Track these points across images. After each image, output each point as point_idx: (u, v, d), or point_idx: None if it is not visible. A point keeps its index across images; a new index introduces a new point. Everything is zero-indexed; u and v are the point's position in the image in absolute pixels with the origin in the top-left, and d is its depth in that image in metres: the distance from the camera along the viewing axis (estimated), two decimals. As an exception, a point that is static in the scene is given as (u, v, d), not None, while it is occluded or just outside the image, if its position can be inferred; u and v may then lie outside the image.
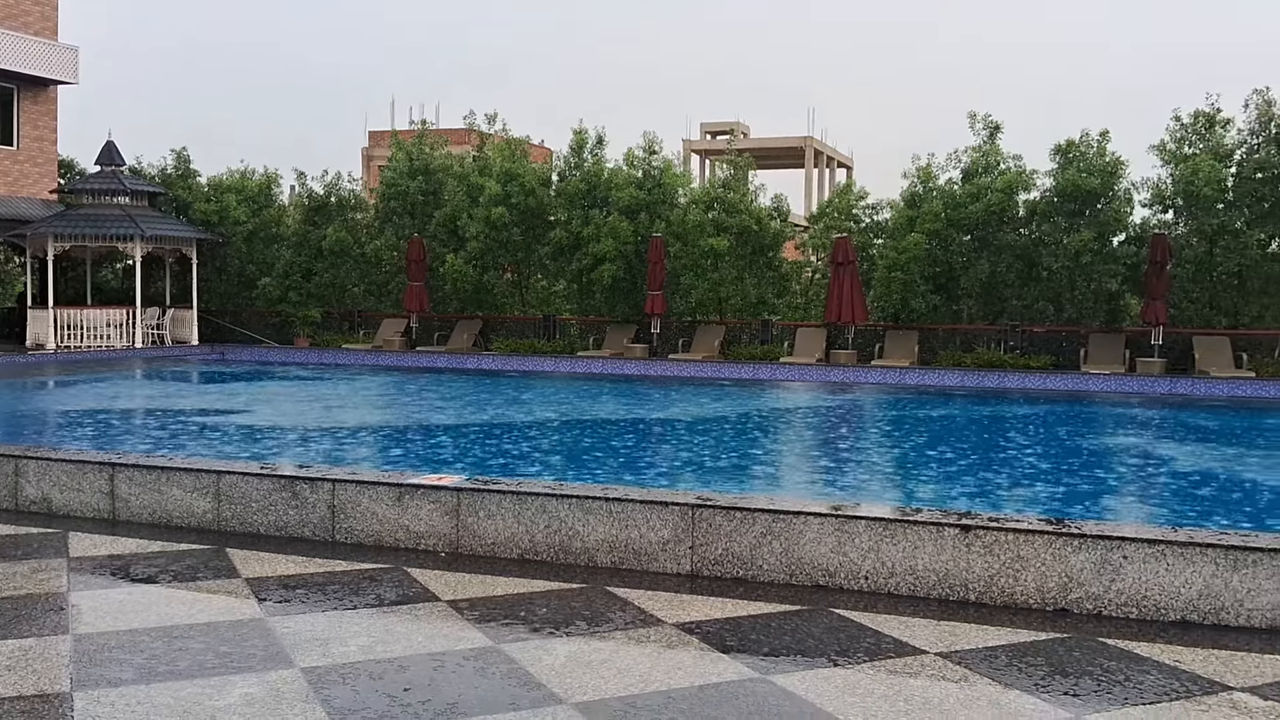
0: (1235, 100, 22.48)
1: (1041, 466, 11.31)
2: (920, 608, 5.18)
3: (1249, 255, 21.75)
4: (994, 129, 24.02)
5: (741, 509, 5.65)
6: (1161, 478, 10.79)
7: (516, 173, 26.10)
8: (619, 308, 26.07)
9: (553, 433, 13.81)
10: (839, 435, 14.62)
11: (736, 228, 24.90)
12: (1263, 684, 4.19)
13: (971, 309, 24.25)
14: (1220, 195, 21.63)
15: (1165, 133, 22.56)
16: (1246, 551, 4.94)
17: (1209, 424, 15.60)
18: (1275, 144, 21.53)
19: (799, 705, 3.87)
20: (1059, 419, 15.94)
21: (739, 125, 60.17)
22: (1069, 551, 5.13)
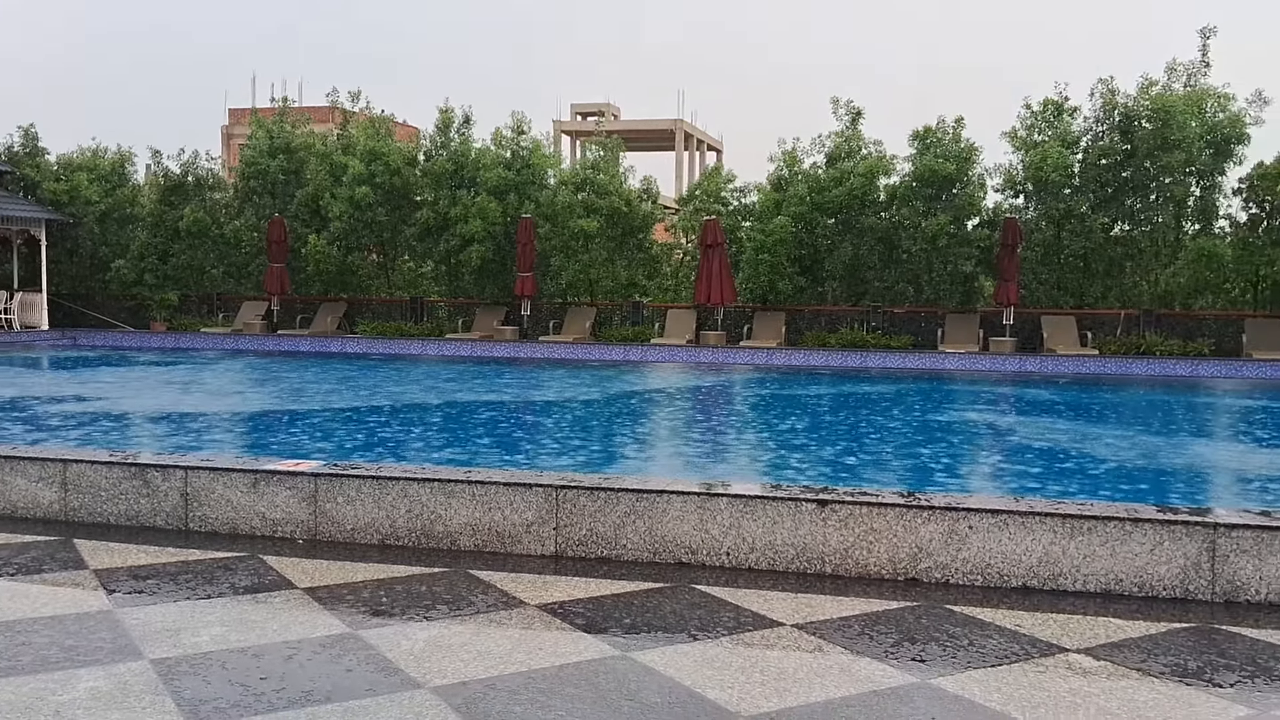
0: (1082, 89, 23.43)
1: (899, 442, 11.67)
2: (779, 581, 5.30)
3: (1093, 238, 22.78)
4: (856, 115, 24.59)
5: (606, 489, 5.68)
6: (1009, 451, 11.25)
7: (381, 152, 25.63)
8: (488, 289, 25.88)
9: (419, 416, 13.64)
10: (708, 415, 14.81)
11: (607, 209, 24.95)
12: (1096, 645, 4.42)
13: (836, 290, 24.82)
14: (1067, 181, 22.60)
15: (1016, 120, 23.48)
16: (1082, 520, 5.19)
17: (1054, 399, 16.30)
18: (1118, 131, 22.58)
19: (658, 680, 3.92)
20: (917, 396, 16.45)
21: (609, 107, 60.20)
22: (919, 523, 5.31)
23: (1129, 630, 4.63)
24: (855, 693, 3.83)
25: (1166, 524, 5.14)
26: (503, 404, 15.15)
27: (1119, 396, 17.20)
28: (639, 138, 55.87)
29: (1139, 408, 16.00)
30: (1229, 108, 22.20)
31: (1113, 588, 5.16)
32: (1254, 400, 17.00)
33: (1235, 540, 5.08)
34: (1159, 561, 5.13)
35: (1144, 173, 22.50)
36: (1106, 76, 22.87)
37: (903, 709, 3.69)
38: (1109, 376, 19.78)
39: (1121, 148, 22.40)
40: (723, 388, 18.23)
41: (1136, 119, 22.35)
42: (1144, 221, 23.26)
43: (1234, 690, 3.95)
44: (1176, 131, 21.62)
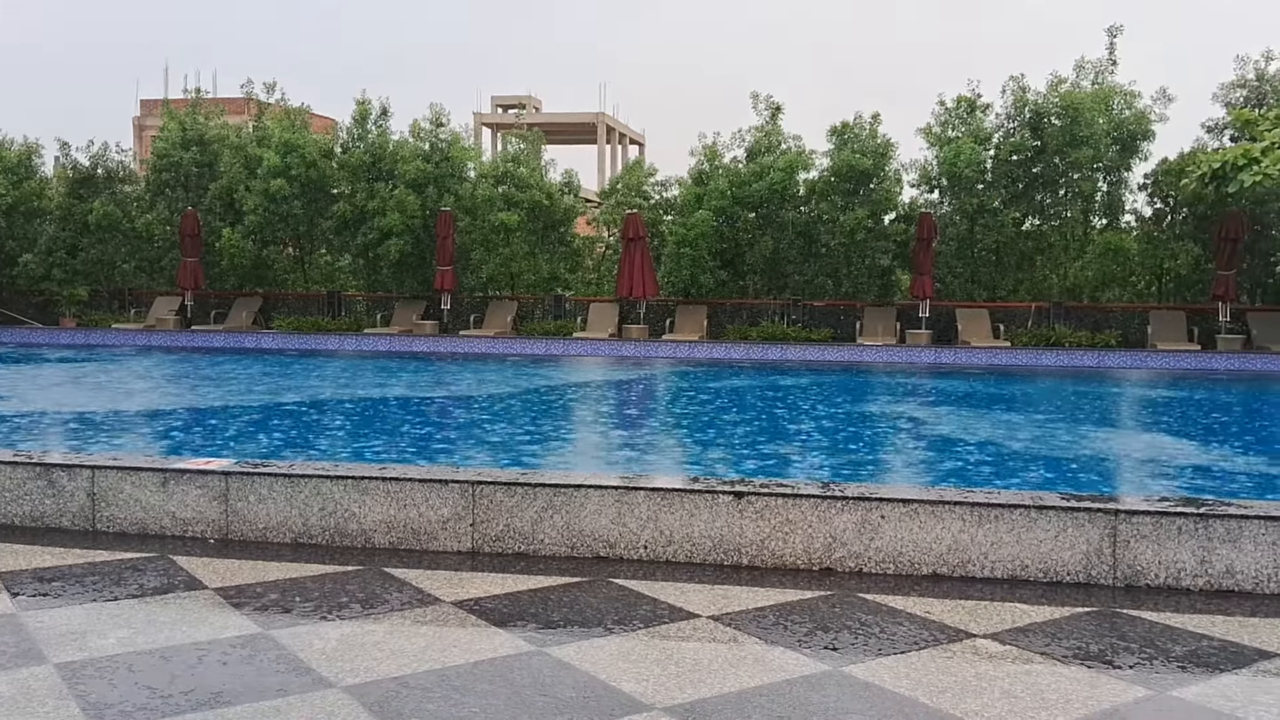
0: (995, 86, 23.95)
1: (818, 433, 11.82)
2: (697, 573, 5.34)
3: (1005, 233, 23.28)
4: (775, 110, 24.79)
5: (523, 484, 5.67)
6: (924, 441, 11.46)
7: (297, 144, 25.20)
8: (407, 283, 25.63)
9: (335, 413, 13.47)
10: (629, 409, 14.85)
11: (528, 203, 24.85)
12: (1001, 630, 4.53)
13: (757, 284, 25.03)
14: (980, 176, 23.05)
15: (931, 117, 23.85)
16: (989, 508, 5.32)
17: (968, 390, 16.64)
18: (1029, 128, 23.07)
19: (572, 675, 3.93)
20: (837, 388, 16.67)
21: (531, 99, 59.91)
22: (833, 513, 5.39)
23: (1034, 615, 4.75)
24: (768, 682, 3.88)
25: (1070, 511, 5.29)
26: (422, 400, 15.03)
27: (1030, 387, 17.61)
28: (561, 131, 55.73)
29: (1048, 398, 16.40)
30: (1135, 105, 22.84)
31: (1019, 574, 5.29)
32: (1157, 390, 17.53)
33: (1135, 526, 5.24)
34: (1063, 547, 5.27)
35: (1054, 168, 23.04)
36: (1018, 74, 23.39)
37: (813, 697, 3.75)
38: (1021, 368, 20.25)
39: (1032, 144, 22.90)
40: (645, 381, 18.28)
41: (1046, 116, 22.86)
42: (1054, 216, 23.83)
43: (1133, 672, 4.08)
44: (1084, 128, 22.17)
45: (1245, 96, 23.21)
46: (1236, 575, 5.17)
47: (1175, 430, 13.02)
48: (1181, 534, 5.20)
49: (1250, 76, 23.22)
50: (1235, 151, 20.74)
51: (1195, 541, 5.19)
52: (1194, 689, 3.91)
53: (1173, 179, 22.86)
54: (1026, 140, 22.92)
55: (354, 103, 26.27)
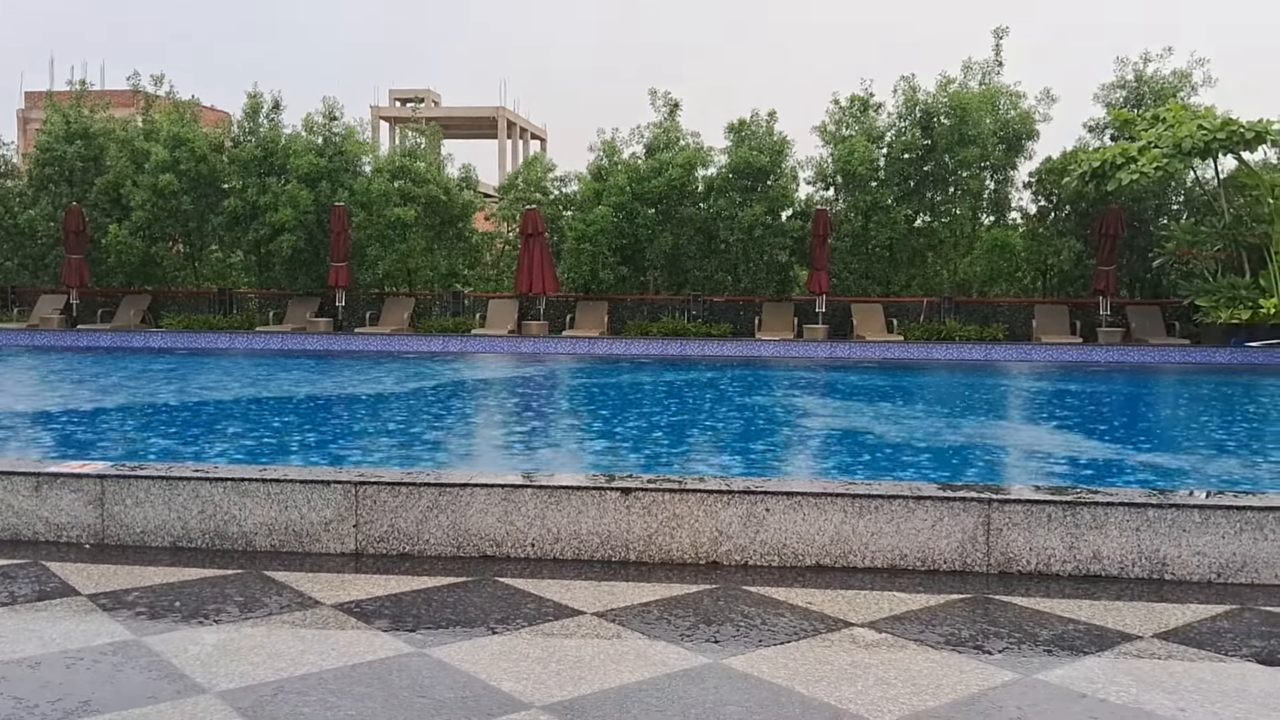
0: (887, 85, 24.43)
1: (714, 428, 11.93)
2: (584, 570, 5.35)
3: (898, 229, 23.77)
4: (674, 106, 24.94)
5: (407, 484, 5.62)
6: (816, 433, 11.65)
7: (186, 138, 24.54)
8: (301, 280, 25.18)
9: (223, 413, 13.17)
10: (526, 406, 14.80)
11: (425, 198, 24.60)
12: (879, 619, 4.63)
13: (657, 280, 25.16)
14: (873, 174, 23.50)
15: (826, 115, 24.24)
16: (870, 499, 5.43)
17: (862, 383, 16.96)
18: (919, 127, 23.58)
19: (452, 675, 3.91)
20: (735, 383, 16.85)
21: (429, 93, 59.25)
22: (719, 507, 5.45)
23: (911, 603, 4.87)
24: (649, 677, 3.91)
25: (946, 501, 5.43)
26: (313, 398, 14.77)
27: (921, 380, 18.02)
28: (460, 125, 55.25)
29: (939, 390, 16.81)
30: (1020, 105, 23.51)
31: (898, 563, 5.42)
32: (1041, 382, 18.08)
33: (1008, 515, 5.40)
34: (940, 536, 5.41)
35: (943, 167, 23.59)
36: (909, 74, 23.92)
37: (692, 690, 3.79)
38: (913, 361, 20.71)
39: (922, 143, 23.42)
40: (543, 378, 18.24)
41: (936, 115, 23.40)
42: (944, 213, 24.40)
43: (1002, 656, 4.21)
44: (972, 127, 22.74)
45: (1124, 97, 24.07)
46: (1103, 560, 5.37)
47: (1055, 420, 13.45)
48: (1051, 522, 5.38)
49: (1129, 78, 24.09)
50: (1114, 150, 21.50)
51: (1064, 529, 5.38)
52: (1059, 671, 4.05)
53: (1056, 177, 23.62)
54: (917, 139, 23.43)
55: (245, 96, 25.71)
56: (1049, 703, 3.75)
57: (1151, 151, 20.85)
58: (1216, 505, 5.39)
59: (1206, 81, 23.62)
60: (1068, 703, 3.75)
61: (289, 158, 24.54)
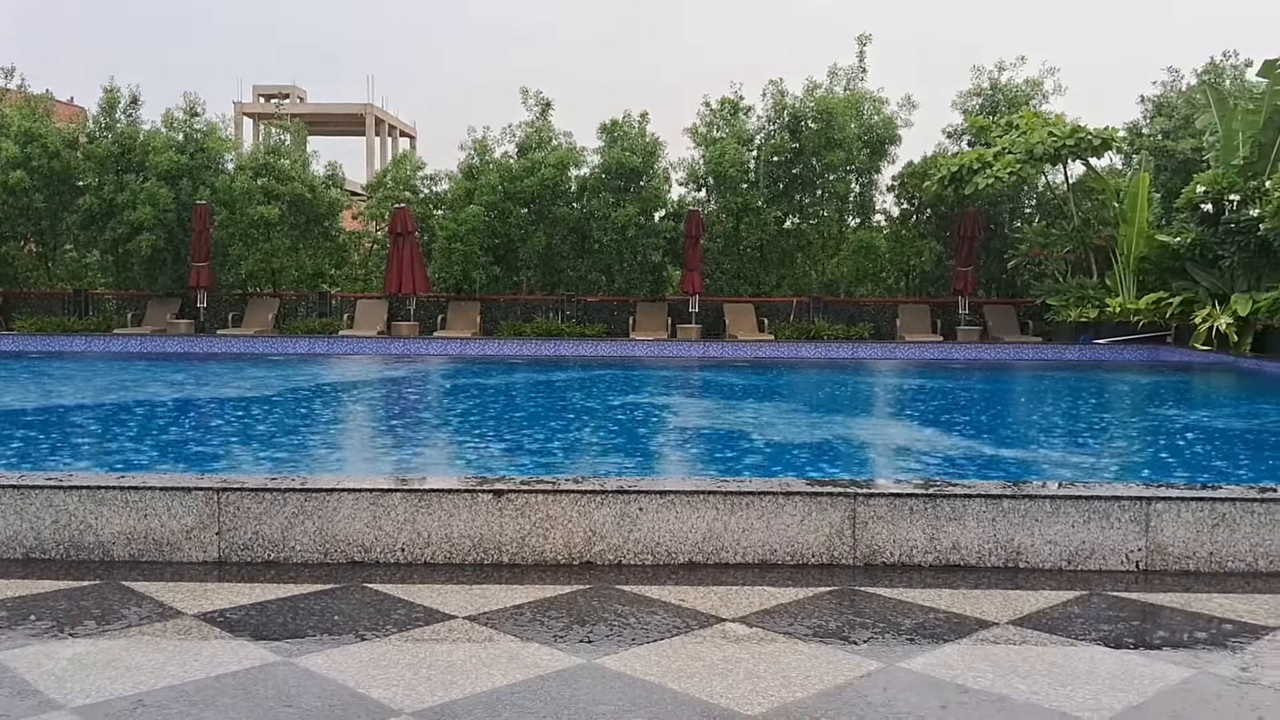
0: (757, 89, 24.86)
1: (588, 428, 11.95)
2: (455, 574, 5.30)
3: (768, 230, 24.20)
4: (545, 105, 24.89)
5: (272, 490, 5.47)
6: (690, 432, 11.77)
7: (38, 133, 23.47)
8: (161, 280, 24.33)
9: (77, 419, 12.62)
10: (397, 408, 14.58)
11: (289, 196, 24.02)
12: (750, 614, 4.71)
13: (531, 280, 25.07)
14: (744, 176, 23.86)
15: (697, 117, 24.51)
16: (741, 495, 5.52)
17: (734, 382, 17.20)
18: (788, 130, 24.04)
19: (319, 684, 3.83)
20: (609, 382, 16.90)
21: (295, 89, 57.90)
22: (593, 507, 5.47)
23: (780, 597, 4.97)
24: (521, 679, 3.89)
25: (814, 496, 5.55)
26: (174, 402, 14.28)
27: (792, 377, 18.36)
28: (327, 122, 54.16)
29: (809, 387, 17.17)
30: (883, 111, 24.17)
31: (768, 558, 5.51)
32: (905, 378, 18.62)
33: (872, 508, 5.55)
34: (808, 531, 5.53)
35: (811, 169, 24.12)
36: (777, 78, 24.35)
37: (565, 691, 3.79)
38: (784, 359, 21.10)
39: (791, 146, 23.88)
40: (415, 380, 17.99)
41: (803, 119, 23.89)
42: (812, 215, 24.96)
43: (867, 646, 4.33)
44: (838, 132, 23.30)
45: (981, 104, 24.97)
46: (961, 551, 5.56)
47: (917, 416, 13.87)
48: (913, 514, 5.55)
49: (985, 86, 24.98)
50: (970, 156, 22.30)
51: (925, 521, 5.55)
52: (920, 659, 4.18)
53: (917, 181, 24.37)
54: (786, 142, 23.88)
55: (102, 90, 24.68)
56: (911, 690, 3.87)
57: (1006, 157, 21.69)
58: (1066, 495, 5.63)
59: (1057, 90, 24.70)
60: (928, 689, 3.87)
61: (148, 155, 23.68)
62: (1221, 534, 5.57)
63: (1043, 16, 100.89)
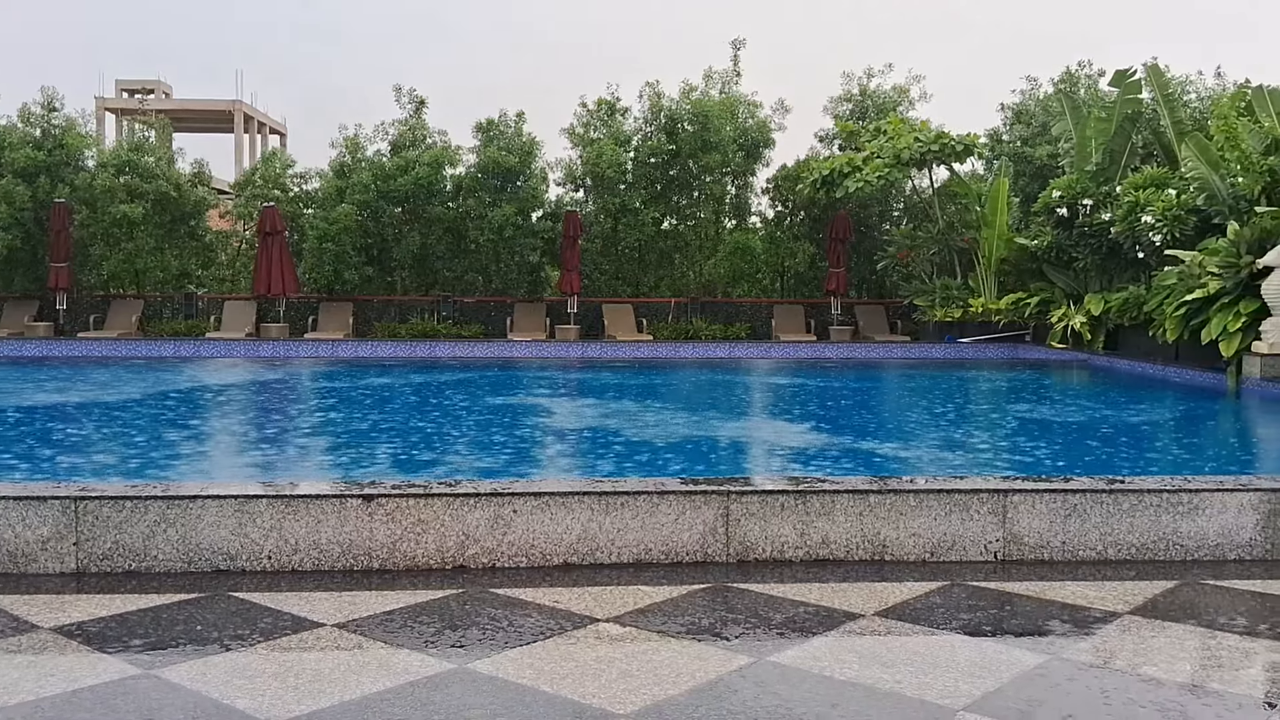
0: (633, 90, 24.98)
1: (465, 430, 11.85)
2: (324, 581, 5.21)
3: (646, 231, 24.35)
4: (420, 103, 24.59)
5: (132, 498, 5.30)
6: (566, 433, 11.79)
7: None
8: (18, 282, 23.29)
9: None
10: (265, 412, 14.23)
11: (154, 194, 23.23)
12: (624, 613, 4.74)
13: (405, 280, 24.73)
14: (621, 177, 23.96)
15: (574, 118, 24.52)
16: (616, 496, 5.55)
17: (614, 382, 17.27)
18: (664, 133, 24.22)
19: (182, 696, 3.73)
20: (486, 384, 16.78)
21: (160, 84, 56.05)
22: (465, 511, 5.43)
23: (655, 596, 5.02)
24: (391, 686, 3.85)
25: (688, 494, 5.62)
26: (31, 408, 13.67)
27: (670, 377, 18.51)
28: (194, 118, 52.55)
29: (687, 387, 17.34)
30: (757, 114, 24.57)
31: (643, 557, 5.56)
32: (780, 377, 18.96)
33: (745, 505, 5.65)
34: (683, 529, 5.59)
35: (688, 171, 24.36)
36: (653, 80, 24.52)
37: (435, 697, 3.76)
38: (662, 359, 21.26)
39: (668, 148, 24.07)
40: (284, 382, 17.58)
41: (680, 122, 24.11)
42: (689, 216, 25.22)
43: (739, 641, 4.40)
44: (714, 134, 23.59)
45: (850, 110, 25.57)
46: (831, 545, 5.70)
47: (791, 414, 14.15)
48: (784, 510, 5.67)
49: (855, 91, 25.60)
50: (841, 160, 22.83)
51: (796, 516, 5.67)
52: (790, 652, 4.27)
53: (790, 184, 24.83)
54: (663, 144, 24.06)
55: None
56: (780, 683, 3.95)
57: (874, 161, 22.27)
58: (929, 490, 5.82)
59: (922, 97, 25.47)
60: (797, 682, 3.96)
61: (3, 151, 22.64)
62: (1073, 524, 5.83)
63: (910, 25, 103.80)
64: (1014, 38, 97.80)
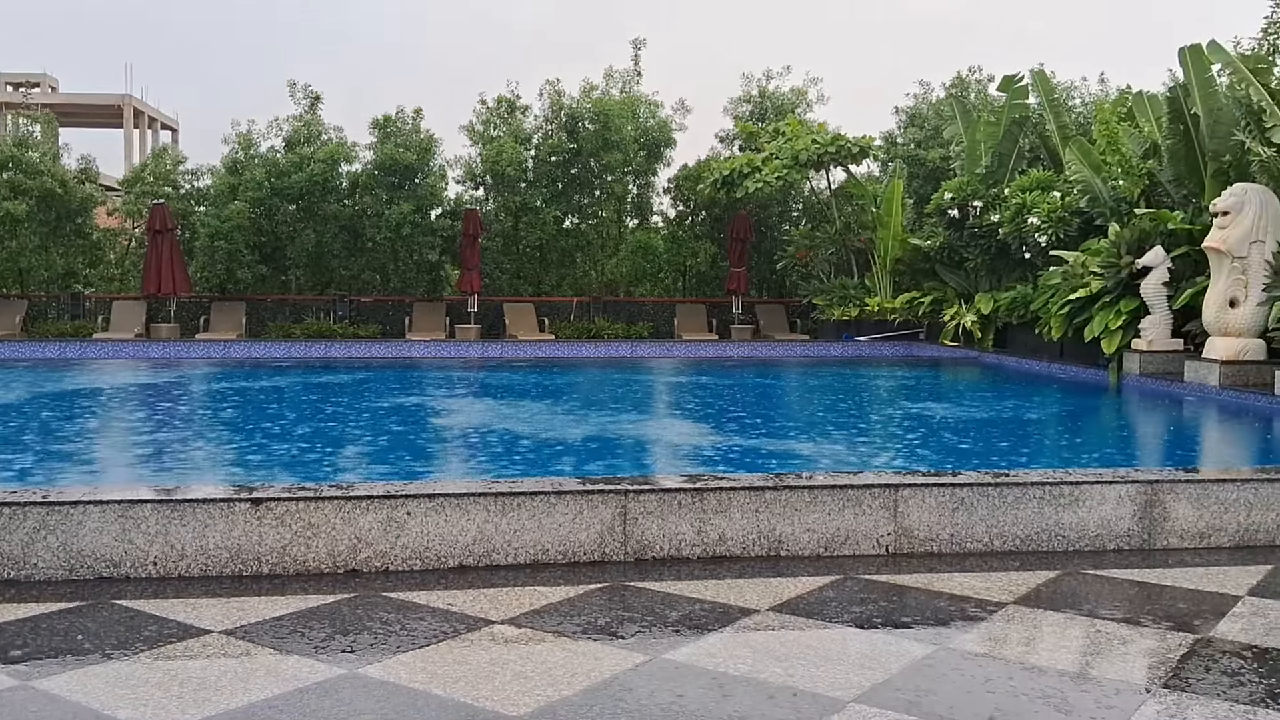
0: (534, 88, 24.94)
1: (360, 432, 11.66)
2: (212, 587, 5.08)
3: (547, 230, 24.28)
4: (315, 99, 24.16)
5: (10, 504, 5.10)
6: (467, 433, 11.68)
7: None
8: (-111, 281, 22.22)
9: None
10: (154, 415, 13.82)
11: (38, 191, 22.41)
12: (520, 614, 4.72)
13: (300, 280, 24.27)
14: (522, 175, 23.85)
15: (474, 115, 24.34)
16: (512, 496, 5.52)
17: (515, 382, 17.17)
18: (565, 131, 24.19)
19: (61, 707, 3.60)
20: (382, 384, 16.54)
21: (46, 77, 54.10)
22: (358, 514, 5.35)
23: (551, 596, 5.00)
24: (280, 693, 3.77)
25: (586, 494, 5.62)
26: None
27: (573, 377, 18.48)
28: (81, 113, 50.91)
29: (589, 386, 17.32)
30: (658, 114, 24.68)
31: (540, 558, 5.54)
32: (682, 376, 19.07)
33: (643, 504, 5.67)
34: (580, 529, 5.59)
35: (589, 170, 24.36)
36: (554, 79, 24.47)
37: (325, 703, 3.70)
38: (564, 359, 21.21)
39: (569, 146, 24.05)
40: (174, 384, 17.09)
41: (580, 120, 24.11)
42: (591, 215, 25.21)
43: (634, 640, 4.42)
44: (615, 133, 23.64)
45: (750, 111, 25.85)
46: (728, 542, 5.75)
47: (693, 412, 14.23)
48: (682, 508, 5.70)
49: (754, 93, 25.88)
50: (741, 160, 23.08)
51: (693, 514, 5.71)
52: (685, 649, 4.30)
53: (691, 183, 25.01)
54: (564, 142, 24.02)
55: None
56: (675, 680, 3.97)
57: (773, 162, 22.55)
58: (823, 485, 5.92)
59: (820, 99, 25.90)
60: (692, 678, 3.99)
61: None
62: (961, 517, 5.98)
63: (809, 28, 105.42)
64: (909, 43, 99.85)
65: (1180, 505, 6.21)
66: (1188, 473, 6.61)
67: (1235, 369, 14.43)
